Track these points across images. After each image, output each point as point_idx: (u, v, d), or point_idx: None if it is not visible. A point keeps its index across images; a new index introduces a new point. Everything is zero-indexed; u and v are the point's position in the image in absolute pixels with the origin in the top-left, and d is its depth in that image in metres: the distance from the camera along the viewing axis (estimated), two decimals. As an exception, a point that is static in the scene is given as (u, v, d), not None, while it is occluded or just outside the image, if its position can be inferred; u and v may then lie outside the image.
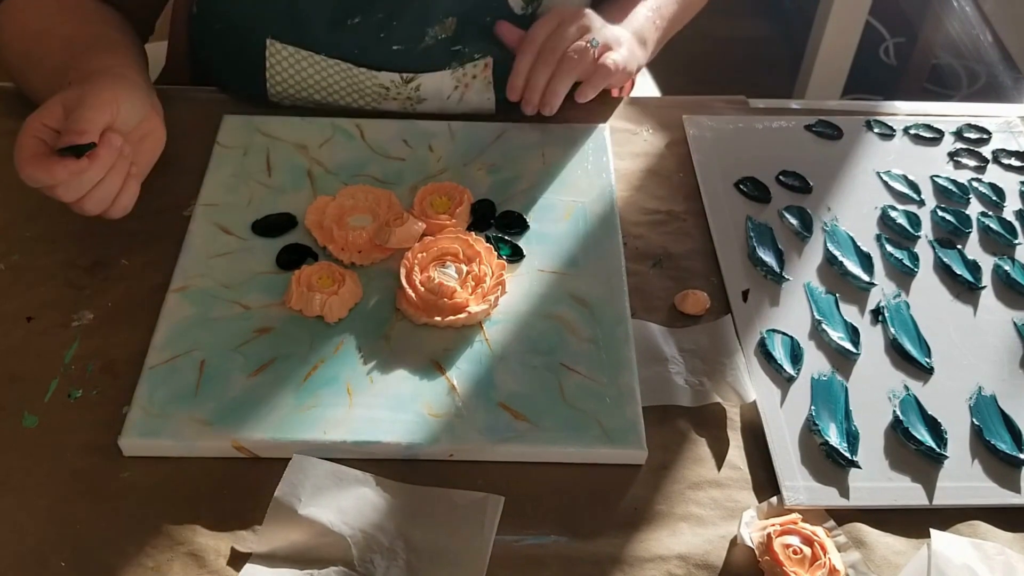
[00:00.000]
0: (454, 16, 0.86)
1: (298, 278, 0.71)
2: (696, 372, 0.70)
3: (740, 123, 0.93)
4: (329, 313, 0.70)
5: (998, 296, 0.78)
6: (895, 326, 0.74)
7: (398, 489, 0.62)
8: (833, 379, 0.70)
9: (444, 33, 0.86)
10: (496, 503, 0.61)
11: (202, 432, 0.63)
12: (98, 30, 0.83)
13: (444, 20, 0.86)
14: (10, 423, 0.65)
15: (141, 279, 0.74)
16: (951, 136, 0.93)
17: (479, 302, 0.71)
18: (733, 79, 2.26)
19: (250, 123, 0.86)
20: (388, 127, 0.87)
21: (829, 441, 0.65)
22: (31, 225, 0.78)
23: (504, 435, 0.64)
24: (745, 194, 0.85)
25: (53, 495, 0.61)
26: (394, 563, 0.58)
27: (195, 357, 0.68)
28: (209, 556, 0.59)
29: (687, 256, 0.79)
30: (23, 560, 0.58)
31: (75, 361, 0.69)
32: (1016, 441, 0.67)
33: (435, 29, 0.86)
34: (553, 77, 0.84)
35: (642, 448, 0.64)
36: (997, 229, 0.83)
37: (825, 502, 0.63)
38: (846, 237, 0.81)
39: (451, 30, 0.86)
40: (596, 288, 0.74)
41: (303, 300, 0.70)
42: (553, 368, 0.68)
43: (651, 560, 0.60)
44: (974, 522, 0.63)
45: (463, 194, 0.79)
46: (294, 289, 0.71)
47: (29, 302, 0.72)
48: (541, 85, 0.85)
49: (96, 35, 0.82)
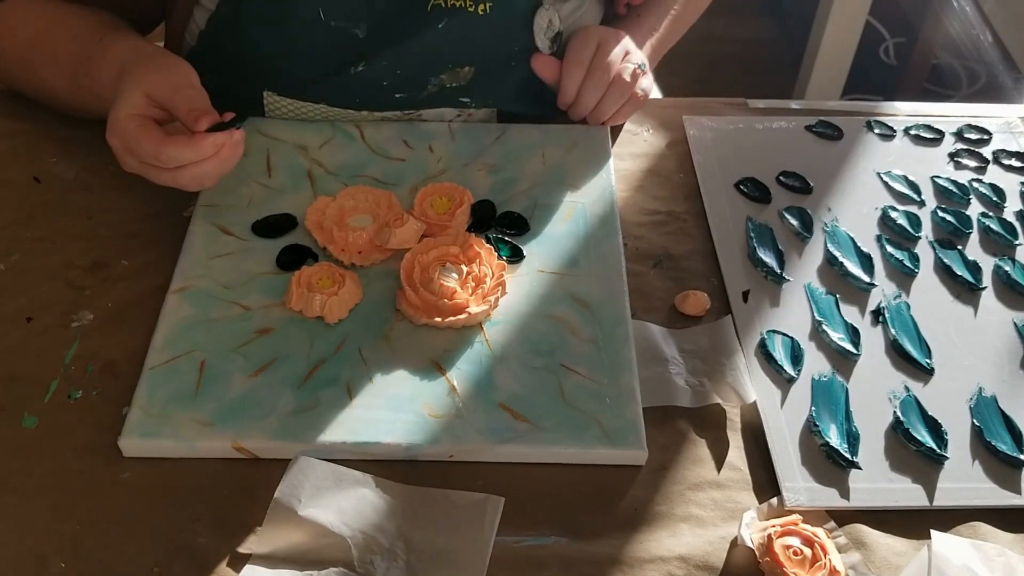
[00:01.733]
0: (471, 65, 0.85)
1: (298, 279, 0.71)
2: (696, 373, 0.70)
3: (740, 123, 0.93)
4: (329, 314, 0.70)
5: (998, 297, 0.78)
6: (895, 327, 0.74)
7: (398, 490, 0.62)
8: (833, 380, 0.70)
9: (455, 82, 0.85)
10: (496, 504, 0.61)
11: (202, 433, 0.63)
12: (104, 17, 0.83)
13: (458, 69, 0.84)
14: (10, 423, 0.65)
15: (141, 279, 0.74)
16: (951, 137, 0.93)
17: (479, 303, 0.71)
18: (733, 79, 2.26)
19: (250, 124, 0.86)
20: (388, 128, 0.87)
21: (829, 442, 0.65)
22: (31, 225, 0.78)
23: (504, 436, 0.64)
24: (745, 194, 0.85)
25: (53, 495, 0.61)
26: (394, 564, 0.58)
27: (195, 358, 0.68)
28: (209, 557, 0.59)
29: (687, 257, 0.79)
30: (23, 560, 0.58)
31: (75, 361, 0.69)
32: (1016, 442, 0.67)
33: (443, 78, 0.84)
34: (604, 99, 0.87)
35: (642, 449, 0.64)
36: (997, 230, 0.83)
37: (825, 503, 0.63)
38: (846, 238, 0.81)
39: (466, 79, 0.85)
40: (596, 289, 0.74)
41: (303, 301, 0.70)
42: (553, 369, 0.68)
43: (651, 561, 0.60)
44: (974, 523, 0.63)
45: (463, 195, 0.79)
46: (294, 290, 0.71)
47: (29, 302, 0.72)
48: (591, 105, 0.87)
49: (104, 21, 0.82)
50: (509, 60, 0.86)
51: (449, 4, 0.81)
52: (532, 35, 0.85)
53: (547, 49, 0.87)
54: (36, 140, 0.86)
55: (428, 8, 0.81)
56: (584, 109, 0.87)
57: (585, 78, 0.86)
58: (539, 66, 0.87)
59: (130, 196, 0.81)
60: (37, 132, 0.86)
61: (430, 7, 0.81)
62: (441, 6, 0.81)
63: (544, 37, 0.86)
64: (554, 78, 0.87)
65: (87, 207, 0.80)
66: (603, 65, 0.85)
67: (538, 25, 0.85)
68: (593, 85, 0.86)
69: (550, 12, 0.86)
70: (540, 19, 0.85)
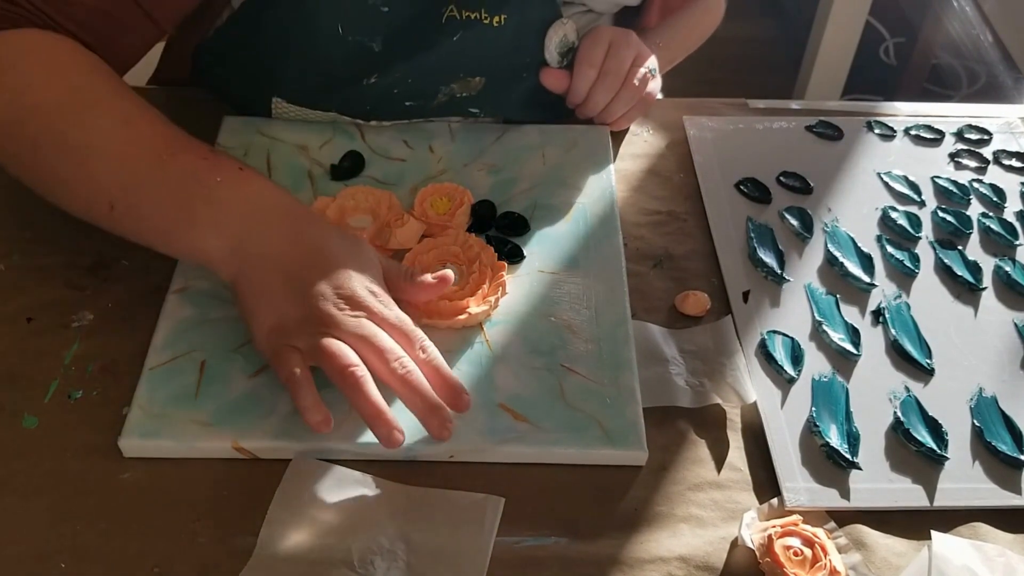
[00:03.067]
0: (482, 76, 0.84)
1: (298, 279, 0.71)
2: (696, 373, 0.70)
3: (740, 124, 0.93)
4: (329, 314, 0.70)
5: (999, 297, 0.78)
6: (896, 327, 0.74)
7: (398, 490, 0.62)
8: (834, 380, 0.70)
9: (465, 91, 0.85)
10: (496, 504, 0.61)
11: (202, 433, 0.63)
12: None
13: (470, 79, 0.84)
14: (10, 423, 0.65)
15: (141, 280, 0.74)
16: (952, 137, 0.93)
17: (479, 303, 0.71)
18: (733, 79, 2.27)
19: (250, 124, 0.86)
20: (388, 128, 0.87)
21: (830, 442, 0.65)
22: (31, 225, 0.78)
23: (504, 436, 0.64)
24: (746, 195, 0.85)
25: (53, 495, 0.61)
26: (394, 564, 0.58)
27: (195, 358, 0.67)
28: (209, 557, 0.58)
29: (687, 257, 0.79)
30: (23, 560, 0.58)
31: (75, 362, 0.69)
32: (1017, 442, 0.67)
33: (454, 87, 0.84)
34: (615, 100, 0.87)
35: (642, 449, 0.64)
36: (998, 230, 0.83)
37: (826, 503, 0.63)
38: (847, 238, 0.81)
39: (476, 89, 0.85)
40: (596, 289, 0.74)
41: (303, 301, 0.70)
42: (553, 369, 0.68)
43: (651, 561, 0.60)
44: (975, 523, 0.63)
45: (463, 195, 0.79)
46: (294, 290, 0.71)
47: (29, 302, 0.72)
48: (601, 106, 0.87)
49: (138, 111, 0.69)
50: (520, 71, 0.86)
51: (464, 16, 0.81)
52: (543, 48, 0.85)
53: (556, 63, 0.87)
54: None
55: (443, 20, 0.80)
56: (593, 109, 0.87)
57: (597, 80, 0.86)
58: (548, 80, 0.87)
59: (130, 196, 0.81)
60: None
61: (444, 19, 0.80)
62: (456, 18, 0.80)
63: (555, 51, 0.86)
64: (563, 89, 0.87)
65: (87, 207, 0.80)
66: (615, 68, 0.85)
67: (550, 39, 0.85)
68: (604, 87, 0.86)
69: (566, 27, 0.86)
70: (554, 32, 0.85)
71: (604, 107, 0.87)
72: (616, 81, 0.86)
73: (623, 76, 0.86)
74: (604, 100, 0.86)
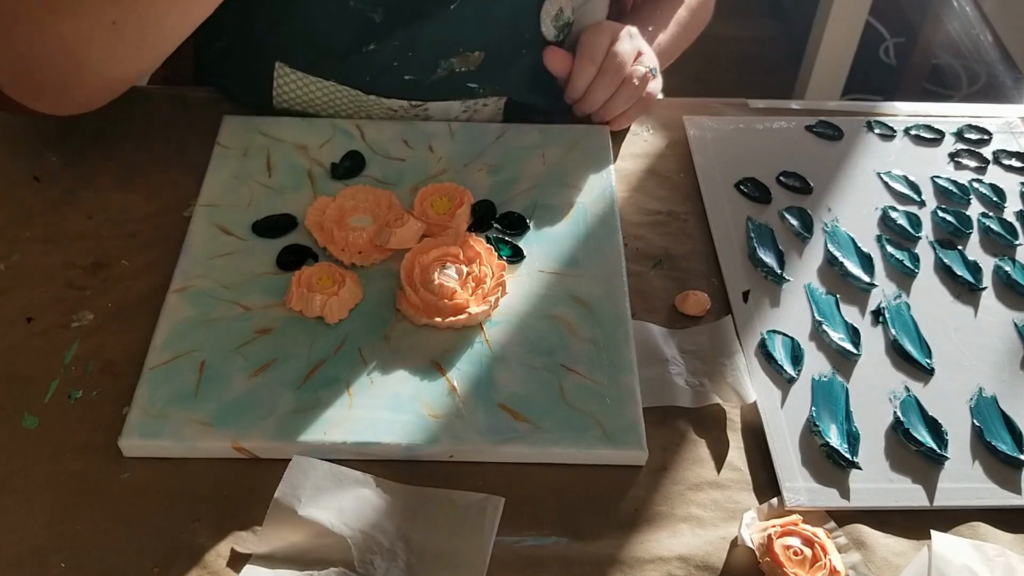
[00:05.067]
0: (481, 50, 0.84)
1: (298, 279, 0.71)
2: (696, 373, 0.70)
3: (740, 124, 0.93)
4: (329, 314, 0.70)
5: (999, 297, 0.78)
6: (896, 327, 0.74)
7: (398, 490, 0.62)
8: (834, 380, 0.70)
9: (465, 66, 0.85)
10: (496, 504, 0.61)
11: (202, 433, 0.63)
12: None
13: (469, 53, 0.84)
14: (10, 424, 0.65)
15: (141, 279, 0.74)
16: (952, 137, 0.93)
17: (479, 303, 0.71)
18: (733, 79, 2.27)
19: (250, 124, 0.86)
20: (388, 127, 0.87)
21: (830, 442, 0.65)
22: (31, 225, 0.78)
23: (504, 436, 0.64)
24: (745, 195, 0.85)
25: (53, 495, 0.61)
26: (394, 564, 0.58)
27: (195, 358, 0.68)
28: (209, 557, 0.59)
29: (687, 257, 0.79)
30: (23, 560, 0.58)
31: (75, 362, 0.69)
32: (1017, 442, 0.67)
33: (453, 61, 0.84)
34: (613, 98, 0.86)
35: (642, 449, 0.64)
36: (998, 230, 0.83)
37: (826, 503, 0.63)
38: (847, 238, 0.81)
39: (475, 64, 0.85)
40: (596, 289, 0.74)
41: (303, 301, 0.70)
42: (553, 369, 0.68)
43: (651, 561, 0.60)
44: (975, 523, 0.63)
45: (463, 195, 0.79)
46: (294, 290, 0.71)
47: (29, 302, 0.72)
48: (599, 103, 0.87)
49: None
50: (520, 47, 0.86)
51: None
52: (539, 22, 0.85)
53: (554, 37, 0.86)
54: (36, 140, 0.86)
55: None
56: (591, 106, 0.87)
57: (596, 76, 0.85)
58: (550, 59, 0.86)
59: (130, 196, 0.81)
60: (37, 132, 0.86)
61: None
62: None
63: (552, 25, 0.85)
64: (564, 73, 0.87)
65: (87, 207, 0.80)
66: (615, 65, 0.85)
67: (546, 12, 0.85)
68: (603, 84, 0.85)
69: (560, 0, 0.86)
70: (549, 6, 0.85)
71: (602, 104, 0.87)
72: (616, 79, 0.85)
73: (623, 74, 0.85)
74: (602, 97, 0.86)
